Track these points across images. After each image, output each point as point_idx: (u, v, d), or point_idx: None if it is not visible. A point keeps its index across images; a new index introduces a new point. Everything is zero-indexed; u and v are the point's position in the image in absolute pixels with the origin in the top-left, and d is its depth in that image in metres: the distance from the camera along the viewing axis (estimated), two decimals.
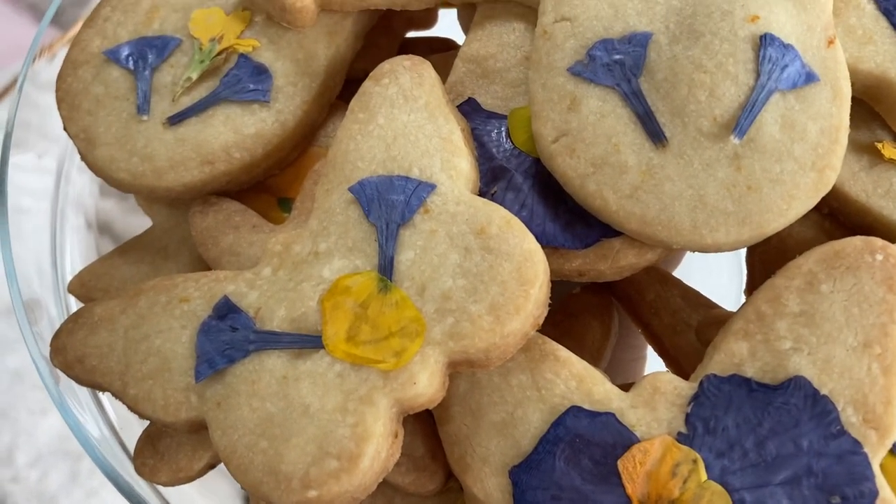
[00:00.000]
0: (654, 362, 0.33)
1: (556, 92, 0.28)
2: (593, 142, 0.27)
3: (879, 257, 0.25)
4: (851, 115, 0.30)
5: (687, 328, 0.30)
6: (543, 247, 0.27)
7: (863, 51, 0.30)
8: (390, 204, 0.26)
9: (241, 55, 0.32)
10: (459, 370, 0.25)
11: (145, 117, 0.31)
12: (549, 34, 0.29)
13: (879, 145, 0.30)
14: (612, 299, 0.33)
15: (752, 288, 0.32)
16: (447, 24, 0.38)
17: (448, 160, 0.27)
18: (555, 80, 0.28)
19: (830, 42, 0.28)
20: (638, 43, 0.28)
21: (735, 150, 0.26)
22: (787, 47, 0.27)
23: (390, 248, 0.26)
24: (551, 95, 0.28)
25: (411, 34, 0.39)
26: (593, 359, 0.31)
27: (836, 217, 0.31)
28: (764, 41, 0.27)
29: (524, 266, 0.25)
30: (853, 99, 0.30)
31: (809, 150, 0.27)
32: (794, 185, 0.26)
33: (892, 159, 0.30)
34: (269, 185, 0.32)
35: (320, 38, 0.32)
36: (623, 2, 0.29)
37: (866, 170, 0.30)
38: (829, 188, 0.27)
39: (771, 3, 0.28)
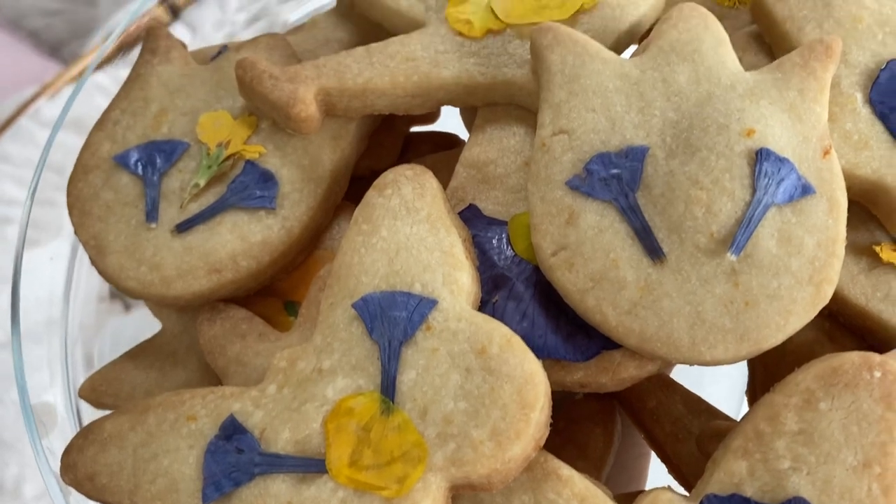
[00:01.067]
0: (657, 459, 0.33)
1: (554, 205, 0.28)
2: (592, 257, 0.27)
3: (878, 374, 0.26)
4: (850, 216, 0.31)
5: (688, 436, 0.31)
6: (545, 359, 0.28)
7: (859, 156, 0.30)
8: (393, 321, 0.27)
9: (248, 161, 0.33)
10: (461, 493, 0.25)
11: (154, 225, 0.32)
12: (548, 147, 0.29)
13: (878, 248, 0.30)
14: (615, 403, 0.33)
15: (752, 389, 0.32)
16: (451, 118, 0.39)
17: (449, 274, 0.28)
18: (553, 193, 0.28)
19: (826, 152, 0.28)
20: (635, 157, 0.28)
21: (732, 265, 0.27)
22: (782, 161, 0.28)
23: (393, 368, 0.26)
24: (550, 209, 0.28)
25: (415, 129, 0.39)
26: (596, 466, 0.31)
27: (837, 318, 0.31)
28: (759, 156, 0.27)
29: (525, 388, 0.25)
30: (851, 201, 0.31)
31: (806, 263, 0.27)
32: (792, 300, 0.27)
33: (890, 262, 0.30)
34: (276, 288, 0.33)
35: (325, 143, 0.33)
36: (620, 114, 0.29)
37: (865, 272, 0.30)
38: (826, 302, 0.27)
39: (766, 116, 0.28)
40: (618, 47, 0.34)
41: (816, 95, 0.29)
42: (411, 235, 0.29)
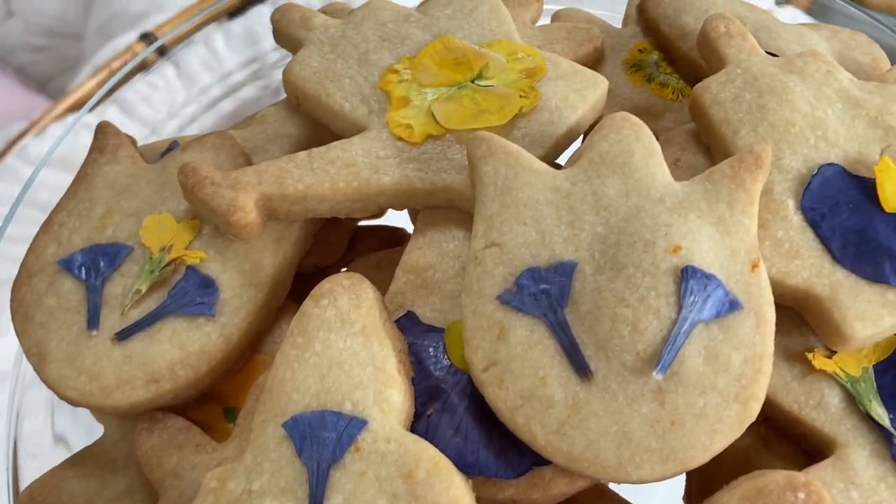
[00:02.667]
0: None
1: (485, 319, 0.29)
2: (521, 373, 0.28)
3: (801, 496, 0.26)
4: (785, 321, 0.31)
5: None
6: (476, 476, 0.28)
7: (790, 265, 0.30)
8: (322, 442, 0.27)
9: (189, 267, 0.33)
10: None
11: (95, 332, 0.32)
12: (480, 260, 0.29)
13: (810, 355, 0.30)
14: None
15: (689, 495, 0.32)
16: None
17: (381, 392, 0.28)
18: (485, 307, 0.29)
19: (754, 266, 0.29)
20: (563, 272, 0.29)
21: (658, 384, 0.27)
22: (709, 277, 0.28)
23: (320, 492, 0.26)
24: (481, 323, 0.29)
25: (362, 223, 0.40)
26: None
27: (772, 423, 0.31)
28: (685, 274, 0.28)
29: None
30: (786, 306, 0.31)
31: (733, 381, 0.27)
32: (718, 418, 0.27)
33: (823, 370, 0.30)
34: (215, 393, 0.33)
35: (267, 246, 0.33)
36: (550, 228, 0.29)
37: (799, 379, 0.30)
38: (753, 419, 0.27)
39: (694, 231, 0.29)
40: (556, 150, 0.34)
41: (745, 207, 0.29)
42: (345, 350, 0.29)
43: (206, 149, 0.36)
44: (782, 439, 0.31)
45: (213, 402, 0.33)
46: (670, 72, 0.40)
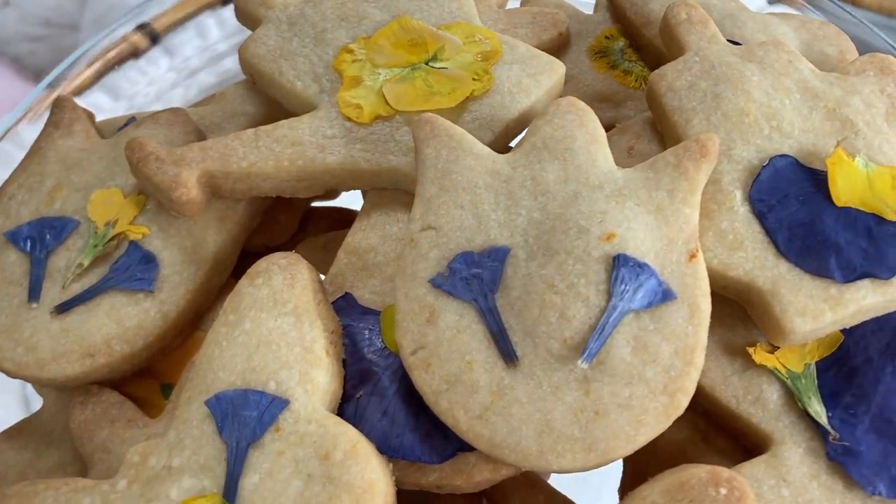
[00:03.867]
0: None
1: (416, 303, 0.28)
2: (448, 358, 0.27)
3: (723, 491, 0.25)
4: (728, 315, 0.31)
5: None
6: (400, 459, 0.28)
7: (733, 257, 0.30)
8: (243, 421, 0.27)
9: (132, 242, 0.33)
10: None
11: (35, 304, 0.32)
12: (416, 242, 0.29)
13: (751, 350, 0.30)
14: (483, 498, 0.33)
15: (624, 486, 0.32)
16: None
17: (306, 373, 0.28)
18: (417, 290, 0.28)
19: (692, 256, 0.28)
20: (496, 258, 0.28)
21: (584, 373, 0.26)
22: (641, 266, 0.27)
23: (237, 470, 0.26)
24: (412, 306, 0.28)
25: (315, 204, 0.39)
26: None
27: (711, 417, 0.31)
28: (617, 262, 0.27)
29: (363, 499, 0.25)
30: (730, 300, 0.30)
31: (661, 372, 0.27)
32: (643, 410, 0.26)
33: (763, 364, 0.30)
34: (154, 369, 0.33)
35: (210, 224, 0.33)
36: (487, 212, 0.29)
37: (738, 374, 0.30)
38: (680, 412, 0.27)
39: (630, 218, 0.28)
40: (507, 135, 0.34)
41: (686, 196, 0.29)
42: (274, 329, 0.28)
43: (159, 125, 0.36)
44: (721, 434, 0.31)
45: (151, 378, 0.33)
46: (635, 59, 0.39)
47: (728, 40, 0.35)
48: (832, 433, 0.28)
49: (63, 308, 0.32)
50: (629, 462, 0.32)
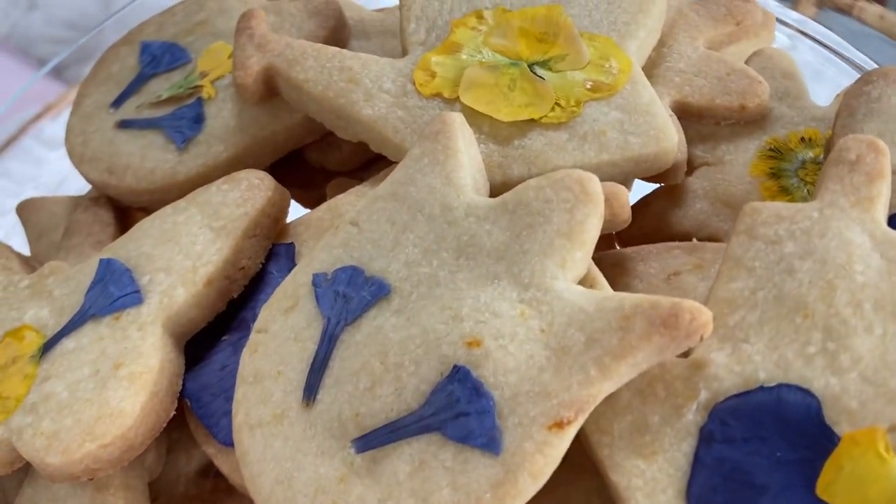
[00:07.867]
0: None
1: (291, 286, 0.27)
2: (272, 354, 0.25)
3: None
4: None
5: None
6: (200, 419, 0.27)
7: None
8: (107, 294, 0.28)
9: (199, 98, 0.34)
10: None
11: (112, 111, 0.35)
12: (337, 229, 0.27)
13: None
14: None
15: None
16: None
17: (174, 287, 0.28)
18: (300, 275, 0.26)
19: (558, 424, 0.22)
20: (374, 292, 0.25)
21: (353, 458, 0.23)
22: (482, 395, 0.22)
23: (66, 331, 0.27)
24: (287, 287, 0.27)
25: None
26: None
27: None
28: (455, 373, 0.22)
29: (101, 422, 0.25)
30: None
31: None
32: None
33: None
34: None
35: (260, 116, 0.33)
36: (405, 243, 0.25)
37: None
38: None
39: (514, 338, 0.22)
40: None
41: (609, 363, 0.22)
42: (190, 235, 0.29)
43: (307, 8, 0.36)
44: None
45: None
46: (811, 181, 0.30)
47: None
48: None
49: (124, 125, 0.35)
50: None
